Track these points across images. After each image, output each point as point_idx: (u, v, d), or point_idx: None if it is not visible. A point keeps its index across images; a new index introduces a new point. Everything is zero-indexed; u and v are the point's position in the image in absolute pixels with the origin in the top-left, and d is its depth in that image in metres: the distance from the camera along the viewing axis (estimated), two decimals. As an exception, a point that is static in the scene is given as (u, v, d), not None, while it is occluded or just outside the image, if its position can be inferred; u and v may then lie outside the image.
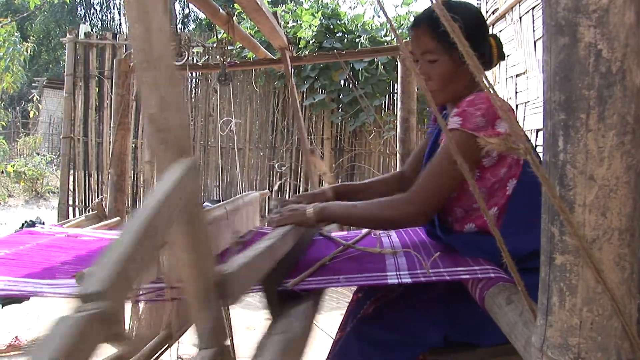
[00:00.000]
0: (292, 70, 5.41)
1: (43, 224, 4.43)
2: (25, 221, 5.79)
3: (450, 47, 1.15)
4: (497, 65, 1.34)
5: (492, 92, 0.59)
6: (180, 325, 1.52)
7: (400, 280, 1.06)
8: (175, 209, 0.62)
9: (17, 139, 12.55)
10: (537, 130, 3.13)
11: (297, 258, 1.28)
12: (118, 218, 3.11)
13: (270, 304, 1.09)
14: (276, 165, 5.45)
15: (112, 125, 3.35)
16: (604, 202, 0.57)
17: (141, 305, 1.97)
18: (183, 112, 0.72)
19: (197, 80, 5.86)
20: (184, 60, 2.42)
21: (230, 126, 3.55)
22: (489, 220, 0.64)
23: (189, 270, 0.67)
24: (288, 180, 5.70)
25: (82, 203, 5.74)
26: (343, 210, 1.27)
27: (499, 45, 1.28)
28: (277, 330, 0.93)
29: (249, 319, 3.58)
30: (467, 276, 1.06)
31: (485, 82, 0.57)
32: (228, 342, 0.76)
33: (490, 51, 1.26)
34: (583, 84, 0.56)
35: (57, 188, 7.09)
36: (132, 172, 5.70)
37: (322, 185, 3.10)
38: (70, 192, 5.68)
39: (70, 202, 5.69)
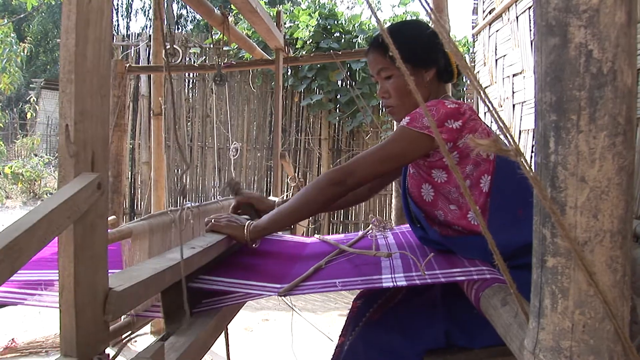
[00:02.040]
0: (290, 70, 5.42)
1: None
2: (23, 223, 5.78)
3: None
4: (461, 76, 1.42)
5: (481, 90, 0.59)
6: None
7: (395, 284, 1.06)
8: (58, 225, 0.61)
9: (15, 141, 12.54)
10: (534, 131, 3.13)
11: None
12: (114, 217, 3.11)
13: (166, 314, 1.02)
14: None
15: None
16: (596, 203, 0.56)
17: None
18: (104, 125, 0.71)
19: (194, 81, 5.85)
20: (178, 61, 2.41)
21: (232, 149, 3.74)
22: (479, 219, 0.64)
23: (71, 279, 0.66)
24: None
25: (79, 204, 5.72)
26: (273, 217, 1.30)
27: None
28: (145, 353, 0.79)
29: (247, 320, 3.58)
30: (463, 277, 1.06)
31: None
32: (107, 352, 0.73)
33: (449, 64, 1.34)
34: (574, 84, 0.56)
35: (55, 189, 7.06)
36: (130, 173, 5.69)
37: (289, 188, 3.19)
38: (67, 193, 5.66)
39: (68, 203, 5.68)
